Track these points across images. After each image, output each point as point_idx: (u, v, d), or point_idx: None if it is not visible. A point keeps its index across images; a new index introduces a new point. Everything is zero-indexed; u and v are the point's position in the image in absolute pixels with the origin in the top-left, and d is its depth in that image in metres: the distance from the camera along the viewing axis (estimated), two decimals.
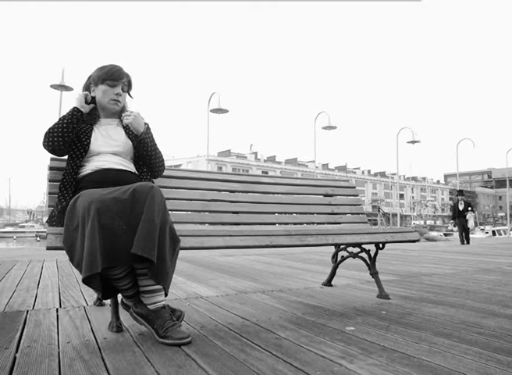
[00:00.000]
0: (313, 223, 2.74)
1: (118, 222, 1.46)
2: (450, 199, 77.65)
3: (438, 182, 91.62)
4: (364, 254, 2.59)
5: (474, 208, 12.48)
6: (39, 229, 41.27)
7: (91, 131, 1.87)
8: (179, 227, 1.72)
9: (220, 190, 2.49)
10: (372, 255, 2.57)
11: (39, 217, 55.69)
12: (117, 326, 1.70)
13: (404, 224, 52.17)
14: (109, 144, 1.87)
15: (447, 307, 2.25)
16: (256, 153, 64.90)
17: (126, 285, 1.60)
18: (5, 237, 38.64)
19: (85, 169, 1.81)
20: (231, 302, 2.33)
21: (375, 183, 75.55)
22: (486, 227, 41.87)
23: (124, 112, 1.90)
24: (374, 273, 2.55)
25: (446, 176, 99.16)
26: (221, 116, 14.97)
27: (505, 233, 31.49)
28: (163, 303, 1.60)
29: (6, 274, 3.44)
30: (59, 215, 1.72)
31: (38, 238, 36.00)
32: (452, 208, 12.38)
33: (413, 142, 18.19)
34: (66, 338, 1.60)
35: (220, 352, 1.43)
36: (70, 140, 1.80)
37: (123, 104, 1.97)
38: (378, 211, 51.06)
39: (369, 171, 79.22)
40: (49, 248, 1.54)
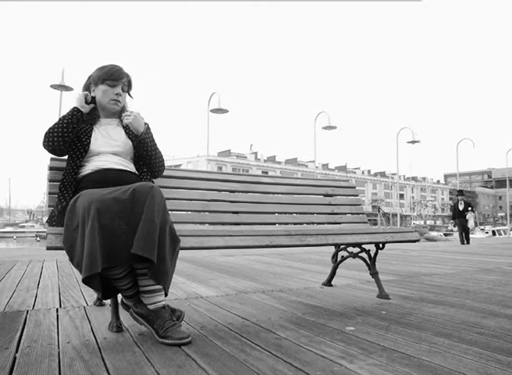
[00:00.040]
0: (313, 223, 2.74)
1: (118, 222, 1.46)
2: (450, 199, 77.65)
3: (438, 182, 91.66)
4: (364, 254, 2.59)
5: (474, 208, 12.40)
6: (39, 229, 41.26)
7: (91, 131, 1.87)
8: (179, 227, 1.72)
9: (220, 190, 2.49)
10: (372, 255, 2.57)
11: (39, 217, 55.68)
12: (117, 326, 1.70)
13: (404, 224, 52.16)
14: (109, 144, 1.87)
15: (447, 307, 2.25)
16: (256, 153, 64.90)
17: (126, 285, 1.60)
18: (5, 237, 38.64)
19: (85, 169, 1.81)
20: (231, 302, 2.33)
21: (375, 183, 75.58)
22: (486, 227, 41.88)
23: (124, 112, 1.90)
24: (374, 273, 2.55)
25: (446, 176, 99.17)
26: (221, 116, 14.99)
27: (505, 233, 31.49)
28: (163, 303, 1.61)
29: (6, 274, 3.44)
30: (59, 215, 1.72)
31: (38, 238, 35.99)
32: (452, 208, 12.31)
33: (413, 142, 18.20)
34: (66, 338, 1.60)
35: (220, 352, 1.43)
36: (70, 140, 1.80)
37: (123, 104, 1.97)
38: (378, 211, 51.06)
39: (369, 171, 79.25)
40: (49, 248, 1.54)
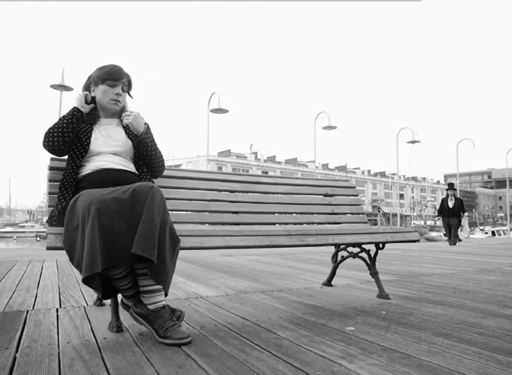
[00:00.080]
0: (313, 223, 2.74)
1: (118, 222, 1.46)
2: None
3: (438, 182, 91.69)
4: (364, 254, 2.59)
5: (465, 207, 10.63)
6: (39, 229, 41.25)
7: (91, 131, 1.87)
8: (179, 227, 1.72)
9: (220, 190, 2.49)
10: (372, 255, 2.57)
11: (39, 217, 55.67)
12: (117, 326, 1.70)
13: (404, 224, 52.14)
14: (109, 144, 1.87)
15: (447, 307, 2.25)
16: (256, 153, 64.92)
17: (126, 285, 1.60)
18: (5, 237, 38.63)
19: (85, 169, 1.81)
20: (231, 302, 2.33)
21: (375, 183, 75.60)
22: (486, 228, 41.90)
23: (124, 112, 1.90)
24: (374, 273, 2.55)
25: (446, 176, 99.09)
26: (221, 116, 14.96)
27: (505, 233, 31.48)
28: (163, 303, 1.61)
29: (6, 274, 3.44)
30: (59, 215, 1.72)
31: (38, 238, 35.98)
32: (440, 203, 10.78)
33: (413, 142, 18.17)
34: (66, 338, 1.60)
35: (220, 352, 1.43)
36: (70, 140, 1.80)
37: (123, 104, 1.97)
38: (378, 211, 51.02)
39: (369, 171, 79.29)
40: (49, 248, 1.54)
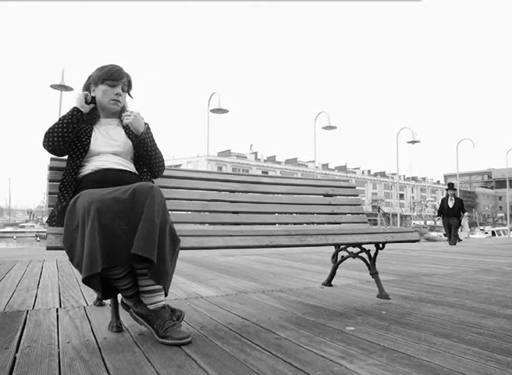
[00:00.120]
0: (313, 223, 2.74)
1: (118, 222, 1.46)
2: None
3: (438, 182, 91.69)
4: (364, 254, 2.59)
5: (465, 207, 10.62)
6: (39, 229, 41.25)
7: (91, 131, 1.87)
8: (179, 227, 1.72)
9: (220, 190, 2.49)
10: (372, 255, 2.57)
11: (39, 217, 55.66)
12: (117, 326, 1.70)
13: (404, 224, 52.14)
14: (109, 144, 1.87)
15: (447, 307, 2.25)
16: (256, 153, 64.93)
17: (126, 285, 1.60)
18: (5, 237, 38.63)
19: (85, 169, 1.81)
20: (231, 302, 2.34)
21: (375, 183, 75.60)
22: (486, 228, 41.90)
23: (124, 112, 1.90)
24: (374, 273, 2.55)
25: (446, 176, 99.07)
26: (221, 116, 14.95)
27: (505, 233, 31.48)
28: (163, 303, 1.61)
29: (6, 274, 3.44)
30: (59, 215, 1.72)
31: (38, 238, 35.98)
32: (440, 203, 10.79)
33: (413, 142, 18.17)
34: (66, 338, 1.60)
35: (220, 352, 1.43)
36: (70, 140, 1.80)
37: (123, 104, 1.97)
38: (378, 211, 51.01)
39: (369, 171, 79.29)
40: (49, 248, 1.54)
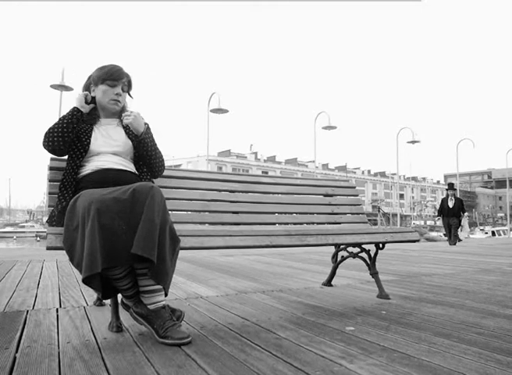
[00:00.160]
0: (313, 223, 2.74)
1: (118, 222, 1.46)
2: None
3: (438, 182, 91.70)
4: (364, 254, 2.59)
5: (465, 207, 10.61)
6: (39, 229, 41.25)
7: (91, 131, 1.87)
8: (179, 227, 1.72)
9: (220, 190, 2.49)
10: (372, 255, 2.57)
11: (39, 217, 55.66)
12: (117, 326, 1.70)
13: (404, 224, 52.13)
14: (109, 144, 1.87)
15: (447, 307, 2.25)
16: (256, 153, 64.93)
17: (126, 285, 1.60)
18: (5, 237, 38.62)
19: (85, 169, 1.81)
20: (231, 302, 2.33)
21: (375, 183, 75.61)
22: (486, 228, 41.90)
23: (124, 112, 1.90)
24: (374, 273, 2.55)
25: (446, 176, 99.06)
26: (221, 116, 14.95)
27: (505, 233, 31.48)
28: (163, 303, 1.61)
29: (6, 274, 3.44)
30: (59, 215, 1.72)
31: (38, 238, 35.97)
32: (440, 203, 10.77)
33: (413, 142, 18.17)
34: (66, 338, 1.60)
35: (220, 352, 1.43)
36: (70, 140, 1.80)
37: (123, 104, 1.97)
38: (378, 211, 51.00)
39: (369, 171, 79.29)
40: (49, 248, 1.54)
